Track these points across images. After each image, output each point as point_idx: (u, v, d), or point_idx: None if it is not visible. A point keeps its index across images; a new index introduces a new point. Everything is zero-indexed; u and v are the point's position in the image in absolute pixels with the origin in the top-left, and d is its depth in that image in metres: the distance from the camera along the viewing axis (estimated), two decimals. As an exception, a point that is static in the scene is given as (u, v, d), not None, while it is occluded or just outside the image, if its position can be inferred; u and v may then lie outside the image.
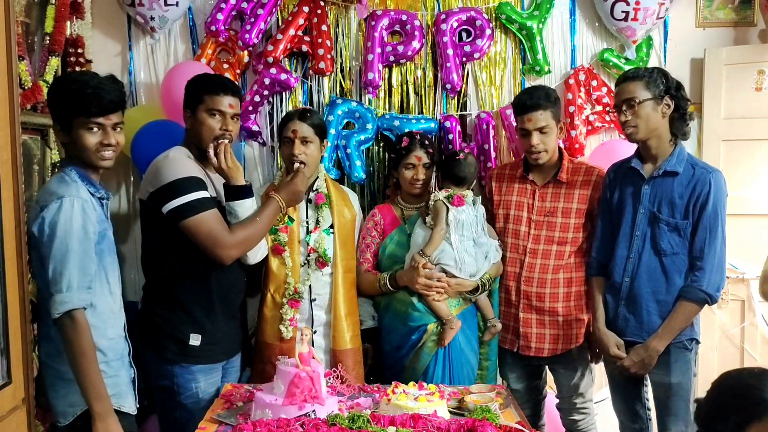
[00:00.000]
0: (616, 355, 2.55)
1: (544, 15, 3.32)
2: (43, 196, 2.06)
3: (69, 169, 2.11)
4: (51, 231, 1.98)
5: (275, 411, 2.02)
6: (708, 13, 3.46)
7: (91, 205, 2.07)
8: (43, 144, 2.84)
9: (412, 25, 3.25)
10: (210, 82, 2.47)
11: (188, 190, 2.27)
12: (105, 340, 2.11)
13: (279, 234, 2.67)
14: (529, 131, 2.69)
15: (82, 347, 1.98)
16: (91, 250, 2.04)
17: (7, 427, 1.88)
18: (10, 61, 1.93)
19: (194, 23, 3.35)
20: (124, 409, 2.16)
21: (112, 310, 2.16)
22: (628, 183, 2.60)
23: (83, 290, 2.00)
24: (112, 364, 2.13)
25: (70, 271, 1.98)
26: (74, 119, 2.08)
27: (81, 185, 2.08)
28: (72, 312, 1.97)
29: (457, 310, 2.73)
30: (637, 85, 2.48)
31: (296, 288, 2.65)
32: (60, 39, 2.89)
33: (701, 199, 2.44)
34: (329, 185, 2.80)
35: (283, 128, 2.70)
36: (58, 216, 1.99)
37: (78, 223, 2.00)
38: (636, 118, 2.48)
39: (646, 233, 2.52)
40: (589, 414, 2.91)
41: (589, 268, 2.72)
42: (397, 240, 2.82)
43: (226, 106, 2.42)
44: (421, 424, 1.94)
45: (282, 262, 2.68)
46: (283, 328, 2.64)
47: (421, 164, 2.79)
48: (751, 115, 3.31)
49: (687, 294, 2.46)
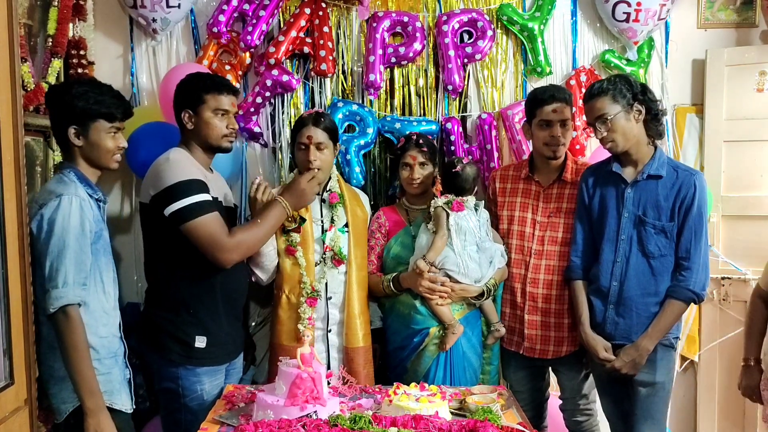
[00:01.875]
0: (606, 358, 2.56)
1: (546, 16, 3.32)
2: (42, 195, 2.12)
3: (68, 171, 2.17)
4: (49, 228, 2.03)
5: (277, 412, 2.02)
6: (709, 14, 3.46)
7: (88, 204, 2.12)
8: (46, 145, 2.85)
9: (413, 27, 3.25)
10: (212, 81, 2.47)
11: (190, 192, 2.28)
12: (96, 337, 2.14)
13: (291, 234, 2.66)
14: (553, 122, 2.68)
15: (75, 343, 2.02)
16: (87, 247, 2.08)
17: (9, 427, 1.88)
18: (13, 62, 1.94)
19: (196, 25, 3.35)
20: (117, 407, 2.18)
21: (104, 309, 2.19)
22: (610, 187, 2.60)
23: (78, 286, 2.03)
24: (104, 362, 2.16)
25: (67, 267, 2.02)
26: (94, 122, 2.16)
27: (79, 185, 2.13)
28: (66, 307, 2.00)
29: (461, 314, 2.73)
30: (605, 101, 2.48)
31: (313, 286, 2.65)
32: (62, 41, 2.90)
33: (687, 201, 2.47)
34: (342, 185, 2.82)
35: (297, 133, 2.69)
36: (56, 213, 2.03)
37: (75, 221, 2.05)
38: (612, 132, 2.48)
39: (632, 236, 2.53)
40: (593, 415, 2.91)
41: (569, 272, 2.70)
42: (402, 242, 2.82)
43: (230, 105, 2.45)
44: (422, 425, 1.94)
45: (295, 262, 2.67)
46: (301, 327, 2.63)
47: (417, 163, 2.79)
48: (752, 116, 3.31)
49: (675, 293, 2.50)
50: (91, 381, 2.05)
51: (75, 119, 2.15)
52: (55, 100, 2.20)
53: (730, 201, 3.35)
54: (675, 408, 3.40)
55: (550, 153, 2.74)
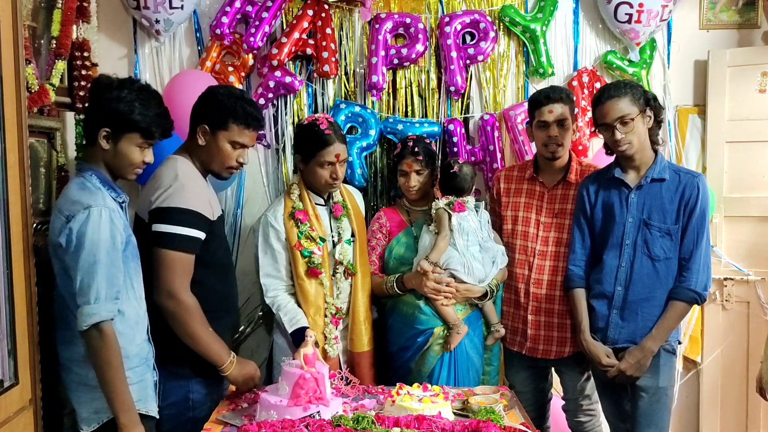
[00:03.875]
0: (609, 364, 2.56)
1: (548, 17, 3.32)
2: (67, 204, 2.02)
3: (89, 175, 2.07)
4: (78, 242, 1.95)
5: (280, 412, 2.03)
6: (711, 15, 3.46)
7: (117, 214, 2.05)
8: (50, 147, 2.86)
9: (416, 28, 3.26)
10: (244, 112, 2.32)
11: (187, 224, 2.20)
12: (133, 346, 2.10)
13: (313, 256, 2.59)
14: (549, 123, 2.68)
15: (109, 358, 1.96)
16: (118, 260, 2.02)
17: (14, 427, 1.89)
18: (18, 65, 1.95)
19: (199, 26, 3.36)
20: (149, 413, 2.14)
21: (138, 315, 2.14)
22: (612, 193, 2.60)
23: (110, 301, 1.97)
24: (137, 370, 2.10)
25: (98, 283, 1.95)
26: (129, 133, 2.06)
27: (105, 192, 2.06)
28: (100, 324, 1.94)
29: (463, 314, 2.73)
30: (626, 102, 2.48)
31: (337, 306, 2.63)
32: (66, 43, 2.90)
33: (690, 203, 2.49)
34: (342, 192, 2.79)
35: (322, 150, 2.57)
36: (85, 226, 1.96)
37: (106, 234, 1.98)
38: (631, 134, 2.49)
39: (637, 241, 2.54)
40: (596, 416, 2.91)
41: (567, 281, 2.69)
42: (404, 242, 2.83)
43: (250, 141, 2.37)
44: (425, 426, 1.94)
45: (319, 283, 2.61)
46: (328, 348, 2.61)
47: (413, 171, 2.79)
48: (755, 116, 3.31)
49: (678, 294, 2.51)
50: (126, 396, 2.00)
51: (110, 122, 2.05)
52: (98, 93, 2.08)
53: (732, 202, 3.35)
54: (678, 410, 3.39)
55: (548, 154, 2.74)
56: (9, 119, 1.90)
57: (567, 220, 2.76)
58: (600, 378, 2.71)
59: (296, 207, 2.64)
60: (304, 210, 2.64)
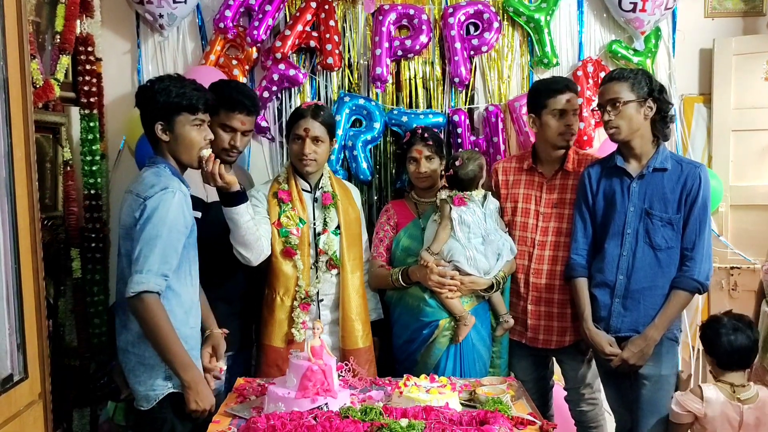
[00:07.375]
0: (612, 353, 2.56)
1: (552, 7, 3.31)
2: (143, 188, 2.12)
3: (162, 165, 2.19)
4: (149, 215, 2.06)
5: (288, 404, 2.04)
6: (716, 3, 3.44)
7: (186, 201, 2.16)
8: (55, 142, 2.87)
9: (419, 20, 3.25)
10: (230, 97, 2.48)
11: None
12: (187, 328, 2.17)
13: (290, 236, 2.62)
14: (567, 111, 2.70)
15: (158, 323, 2.04)
16: (179, 242, 2.11)
17: (24, 421, 1.90)
18: (23, 60, 1.94)
19: (203, 20, 3.36)
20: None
21: (192, 302, 2.22)
22: (614, 182, 2.60)
23: (160, 276, 2.05)
24: (193, 353, 2.17)
25: (154, 255, 2.04)
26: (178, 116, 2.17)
27: (177, 180, 2.17)
28: (144, 294, 2.02)
29: (469, 306, 2.73)
30: (622, 86, 2.49)
31: (308, 291, 2.63)
32: (70, 38, 2.91)
33: (692, 193, 2.49)
34: (333, 183, 2.77)
35: (294, 125, 2.66)
36: (159, 203, 2.07)
37: (174, 214, 2.08)
38: (619, 118, 2.49)
39: (638, 230, 2.54)
40: (598, 405, 2.92)
41: (569, 270, 2.69)
42: (411, 234, 2.82)
43: (239, 124, 2.48)
44: (433, 416, 1.95)
45: (293, 264, 2.63)
46: (295, 332, 2.61)
47: (423, 157, 2.79)
48: (760, 105, 3.30)
49: (680, 284, 2.51)
50: (183, 356, 2.08)
51: (160, 115, 2.17)
52: (142, 98, 2.22)
53: (738, 191, 3.34)
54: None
55: (564, 142, 2.75)
56: (15, 115, 1.90)
57: (566, 209, 2.76)
58: (603, 367, 2.71)
59: (281, 188, 2.68)
60: (288, 191, 2.67)
